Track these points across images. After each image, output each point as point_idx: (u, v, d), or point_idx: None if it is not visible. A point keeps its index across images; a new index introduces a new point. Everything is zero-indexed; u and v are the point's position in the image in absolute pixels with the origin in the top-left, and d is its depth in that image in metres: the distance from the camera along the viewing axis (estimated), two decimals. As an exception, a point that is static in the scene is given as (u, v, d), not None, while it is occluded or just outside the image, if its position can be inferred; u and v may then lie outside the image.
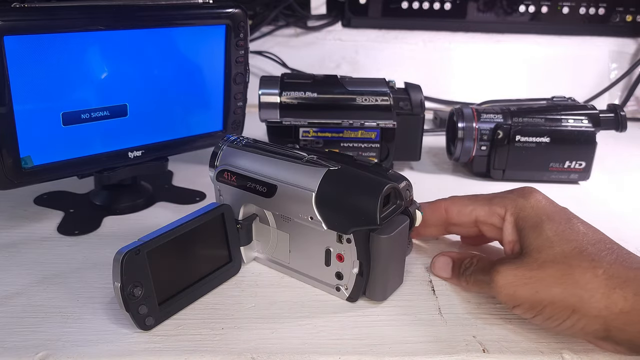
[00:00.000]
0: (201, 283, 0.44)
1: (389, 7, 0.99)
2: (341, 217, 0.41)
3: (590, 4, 0.98)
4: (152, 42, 0.55)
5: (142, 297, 0.39)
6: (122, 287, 0.38)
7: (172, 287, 0.42)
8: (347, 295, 0.44)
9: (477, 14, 0.99)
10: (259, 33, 0.98)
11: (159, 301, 0.41)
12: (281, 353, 0.39)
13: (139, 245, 0.39)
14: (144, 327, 0.40)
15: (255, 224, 0.48)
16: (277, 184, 0.44)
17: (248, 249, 0.49)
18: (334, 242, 0.43)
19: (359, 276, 0.43)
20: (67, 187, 0.63)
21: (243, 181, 0.46)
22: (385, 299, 0.45)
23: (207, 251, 0.45)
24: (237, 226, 0.47)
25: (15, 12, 0.46)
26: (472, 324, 0.42)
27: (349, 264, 0.43)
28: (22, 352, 0.38)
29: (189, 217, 0.43)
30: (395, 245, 0.42)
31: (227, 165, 0.47)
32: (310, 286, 0.46)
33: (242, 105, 0.63)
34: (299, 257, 0.46)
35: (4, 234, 0.54)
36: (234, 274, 0.47)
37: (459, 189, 0.65)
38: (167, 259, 0.42)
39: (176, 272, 0.43)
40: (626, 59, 1.01)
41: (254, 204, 0.47)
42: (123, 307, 0.39)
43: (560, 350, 0.39)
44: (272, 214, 0.46)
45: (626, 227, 0.58)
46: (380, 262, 0.42)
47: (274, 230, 0.47)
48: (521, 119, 0.67)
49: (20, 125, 0.48)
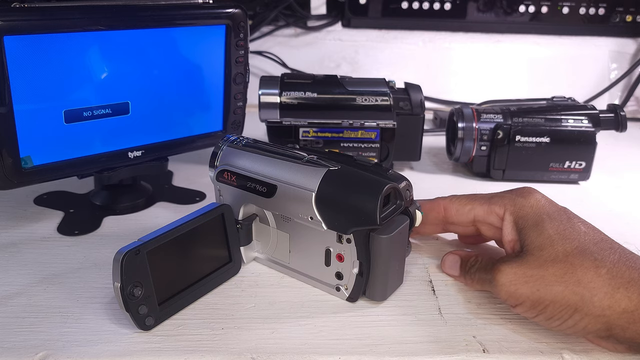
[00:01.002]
0: (201, 283, 0.44)
1: (389, 7, 0.99)
2: (341, 217, 0.41)
3: (590, 4, 0.98)
4: (152, 42, 0.55)
5: (142, 297, 0.39)
6: (122, 287, 0.38)
7: (171, 287, 0.42)
8: (347, 295, 0.44)
9: (477, 14, 0.99)
10: (259, 33, 0.98)
11: (158, 301, 0.41)
12: (281, 353, 0.39)
13: (139, 246, 0.39)
14: (143, 327, 0.40)
15: (255, 224, 0.48)
16: (277, 184, 0.44)
17: (248, 249, 0.49)
18: (334, 242, 0.43)
19: (359, 276, 0.43)
20: (67, 187, 0.63)
21: (243, 181, 0.46)
22: (385, 299, 0.45)
23: (207, 251, 0.45)
24: (237, 226, 0.47)
25: (15, 12, 0.46)
26: (472, 324, 0.42)
27: (349, 264, 0.43)
28: (22, 352, 0.38)
29: (189, 217, 0.43)
30: (395, 245, 0.42)
31: (227, 165, 0.47)
32: (310, 286, 0.46)
33: (242, 105, 0.63)
34: (299, 257, 0.46)
35: (4, 234, 0.54)
36: (234, 274, 0.47)
37: (459, 189, 0.65)
38: (167, 259, 0.42)
39: (176, 272, 0.43)
40: (626, 59, 1.01)
41: (254, 204, 0.47)
42: (123, 307, 0.39)
43: (560, 350, 0.39)
44: (272, 214, 0.46)
45: (626, 227, 0.58)
46: (380, 262, 0.42)
47: (274, 230, 0.47)
48: (521, 119, 0.67)
49: (20, 125, 0.48)
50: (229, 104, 0.62)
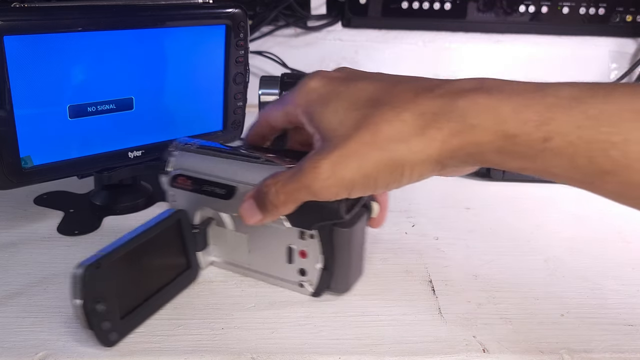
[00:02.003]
0: (162, 292, 0.43)
1: (389, 7, 0.99)
2: (305, 214, 0.41)
3: (590, 4, 0.98)
4: (152, 42, 0.55)
5: (104, 312, 0.38)
6: (84, 304, 0.36)
7: (133, 298, 0.41)
8: (312, 290, 0.44)
9: (477, 14, 0.99)
10: (259, 33, 0.98)
11: (121, 315, 0.39)
12: (281, 353, 0.39)
13: (98, 259, 0.37)
14: (107, 343, 0.38)
15: (211, 228, 0.47)
16: (237, 185, 0.44)
17: (205, 254, 0.48)
18: (296, 239, 0.43)
19: (323, 270, 0.43)
20: (67, 187, 0.63)
21: (200, 185, 0.45)
22: (349, 290, 0.45)
23: (166, 259, 0.44)
24: (194, 231, 0.46)
25: (15, 12, 0.46)
26: (472, 324, 0.42)
27: (312, 259, 0.43)
28: (22, 352, 0.38)
29: (146, 225, 0.42)
30: (357, 237, 0.43)
31: (181, 170, 0.46)
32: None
33: (242, 105, 0.63)
34: (259, 257, 0.46)
35: (4, 234, 0.54)
36: (192, 280, 0.46)
37: (459, 189, 0.66)
38: (127, 271, 0.40)
39: (136, 283, 0.41)
40: (626, 59, 1.01)
41: (210, 207, 0.46)
42: (86, 326, 0.37)
43: (560, 350, 0.39)
44: (230, 216, 0.46)
45: (628, 228, 0.58)
46: (345, 255, 0.43)
47: (231, 232, 0.46)
48: (521, 119, 0.67)
49: (20, 125, 0.48)
50: (229, 104, 0.62)
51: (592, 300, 0.45)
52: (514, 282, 0.48)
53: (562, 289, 0.47)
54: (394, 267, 0.49)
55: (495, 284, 0.47)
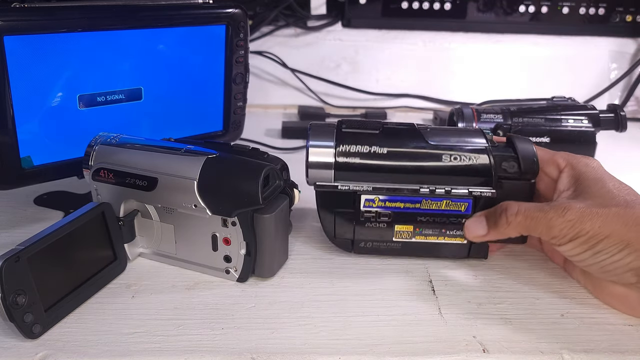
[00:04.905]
0: (88, 284, 0.44)
1: (389, 7, 0.99)
2: (224, 202, 0.43)
3: (590, 4, 0.98)
4: (152, 42, 0.55)
5: (26, 304, 0.38)
6: (3, 297, 0.37)
7: (57, 291, 0.41)
8: (237, 276, 0.46)
9: (477, 14, 0.99)
10: (259, 33, 0.98)
11: (44, 307, 0.40)
12: (281, 353, 0.39)
13: (18, 252, 0.38)
14: (31, 335, 0.39)
15: (137, 220, 0.48)
16: (158, 176, 0.45)
17: (132, 246, 0.48)
18: (219, 227, 0.44)
19: (246, 256, 0.45)
20: (67, 187, 0.63)
21: (121, 177, 0.46)
22: (274, 275, 0.46)
23: (91, 252, 0.45)
24: (119, 223, 0.46)
25: (15, 12, 0.46)
26: (472, 324, 0.42)
27: (236, 246, 0.45)
28: (22, 352, 0.38)
29: (67, 219, 0.42)
30: (278, 223, 0.45)
31: (103, 163, 0.47)
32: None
33: (242, 105, 0.63)
34: (186, 246, 0.47)
35: (4, 234, 0.54)
36: (120, 272, 0.47)
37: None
38: (50, 263, 0.41)
39: (60, 275, 0.42)
40: (626, 59, 1.01)
41: (134, 199, 0.47)
42: (6, 318, 0.37)
43: (560, 350, 0.39)
44: (155, 207, 0.47)
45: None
46: (266, 240, 0.44)
47: (157, 223, 0.47)
48: (521, 119, 0.67)
49: (20, 125, 0.48)
50: (229, 104, 0.62)
51: (592, 300, 0.45)
52: (514, 282, 0.48)
53: (562, 289, 0.47)
54: (394, 267, 0.49)
55: (495, 284, 0.47)
